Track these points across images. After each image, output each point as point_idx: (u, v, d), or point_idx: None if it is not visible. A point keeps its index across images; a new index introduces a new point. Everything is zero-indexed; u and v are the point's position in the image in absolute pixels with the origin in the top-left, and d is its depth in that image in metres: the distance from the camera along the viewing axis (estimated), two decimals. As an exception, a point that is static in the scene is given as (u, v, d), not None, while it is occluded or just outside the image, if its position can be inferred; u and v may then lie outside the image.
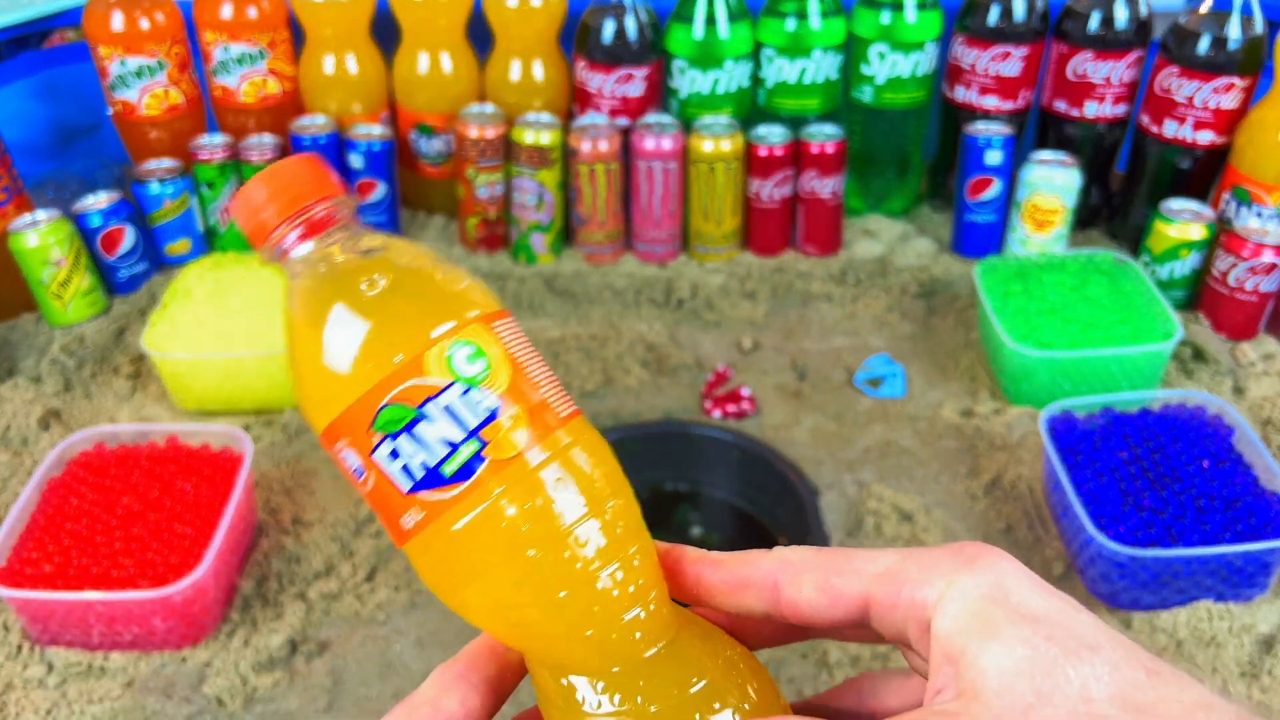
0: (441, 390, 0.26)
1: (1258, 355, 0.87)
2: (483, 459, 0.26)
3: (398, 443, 0.26)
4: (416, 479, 0.26)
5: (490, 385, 0.26)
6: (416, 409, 0.26)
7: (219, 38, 0.99)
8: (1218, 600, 0.64)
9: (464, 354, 0.26)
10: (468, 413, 0.26)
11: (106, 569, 0.63)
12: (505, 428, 0.26)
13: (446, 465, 0.26)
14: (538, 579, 0.26)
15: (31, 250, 0.88)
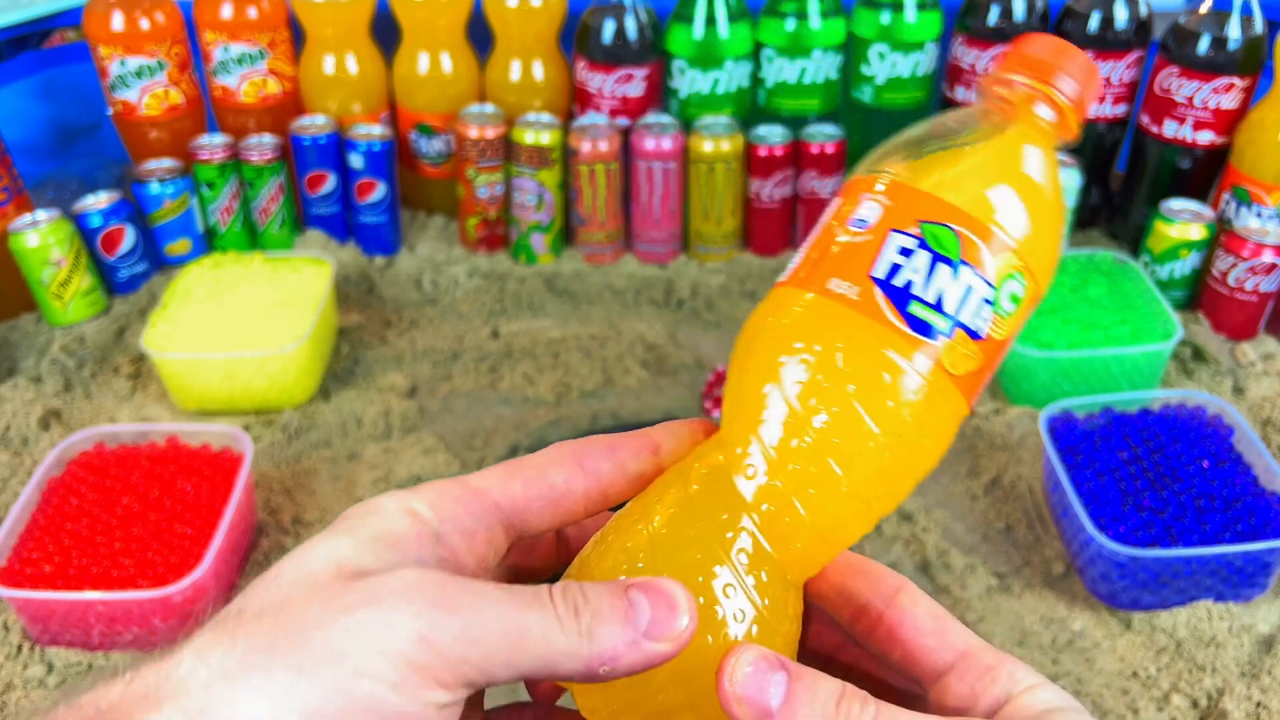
0: (984, 278, 0.26)
1: (1258, 355, 0.87)
2: (934, 336, 0.26)
3: (919, 252, 0.26)
4: (890, 280, 0.26)
5: (996, 323, 0.26)
6: (960, 258, 0.26)
7: (219, 38, 0.99)
8: (1218, 600, 0.64)
9: (1015, 289, 0.27)
10: (972, 310, 0.26)
11: (106, 569, 0.63)
12: (965, 351, 0.26)
13: (916, 305, 0.26)
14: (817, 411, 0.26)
15: (32, 250, 0.88)
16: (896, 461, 0.26)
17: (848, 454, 0.26)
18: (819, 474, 0.26)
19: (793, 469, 0.26)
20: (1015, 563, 0.70)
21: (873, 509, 0.27)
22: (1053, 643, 0.63)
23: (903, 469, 0.27)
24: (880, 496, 0.27)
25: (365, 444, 0.81)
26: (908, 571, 0.69)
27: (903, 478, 0.27)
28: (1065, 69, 0.28)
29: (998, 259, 0.26)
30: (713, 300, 0.98)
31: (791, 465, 0.26)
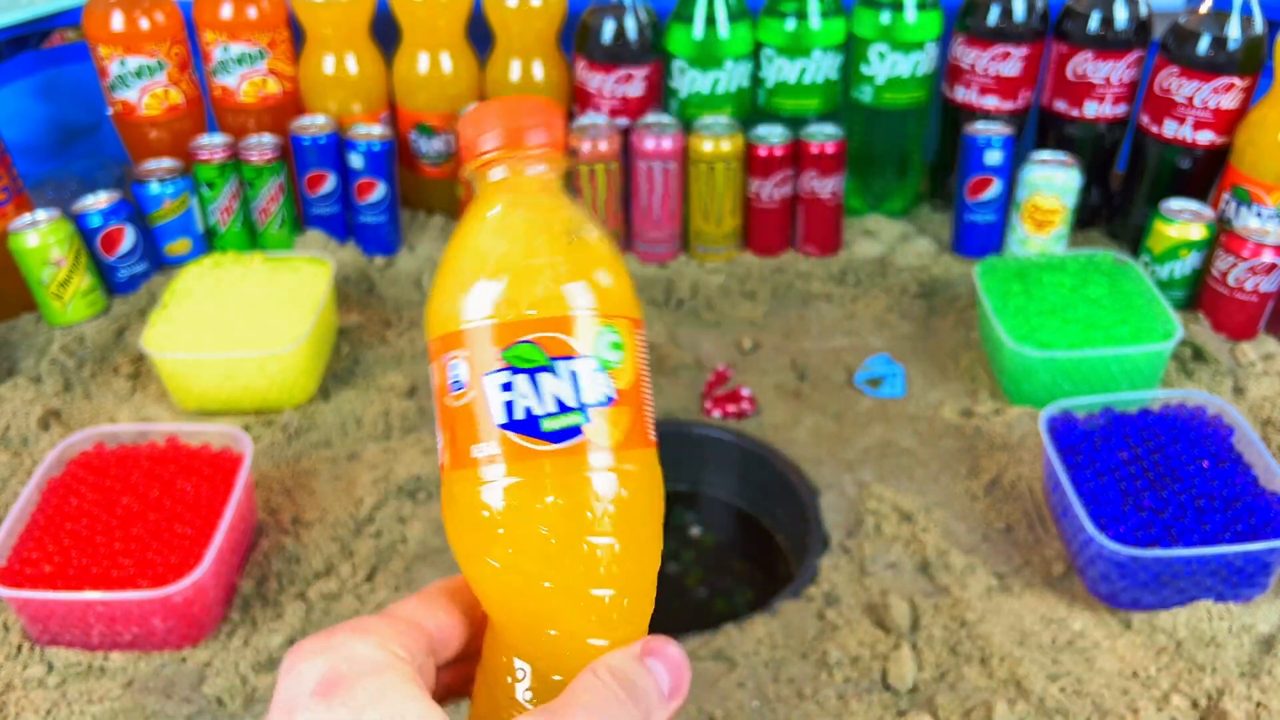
0: (579, 356, 0.27)
1: (1258, 355, 0.87)
2: (579, 432, 0.27)
3: (516, 379, 0.27)
4: (513, 418, 0.27)
5: (616, 376, 0.28)
6: (549, 359, 0.27)
7: (219, 38, 0.99)
8: (1218, 600, 0.64)
9: (610, 340, 0.28)
10: (590, 387, 0.27)
11: (106, 569, 0.63)
12: (609, 421, 0.28)
13: (548, 421, 0.27)
14: (539, 558, 0.27)
15: (31, 250, 0.88)
16: (633, 543, 0.28)
17: (597, 576, 0.27)
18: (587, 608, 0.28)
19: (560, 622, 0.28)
20: (1015, 563, 0.70)
21: (648, 582, 0.29)
22: (1053, 643, 0.63)
23: (640, 542, 0.29)
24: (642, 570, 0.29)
25: (365, 444, 0.81)
26: (908, 571, 0.69)
27: (647, 545, 0.29)
28: (525, 124, 0.29)
29: (580, 334, 0.27)
30: (713, 300, 0.98)
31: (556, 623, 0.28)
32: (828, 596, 0.68)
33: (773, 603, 0.67)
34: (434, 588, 0.30)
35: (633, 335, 0.29)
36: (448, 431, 0.28)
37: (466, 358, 0.28)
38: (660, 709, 0.26)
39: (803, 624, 0.66)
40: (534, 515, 0.27)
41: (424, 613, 0.29)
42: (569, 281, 0.28)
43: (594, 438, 0.27)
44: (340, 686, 0.25)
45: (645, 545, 0.29)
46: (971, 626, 0.64)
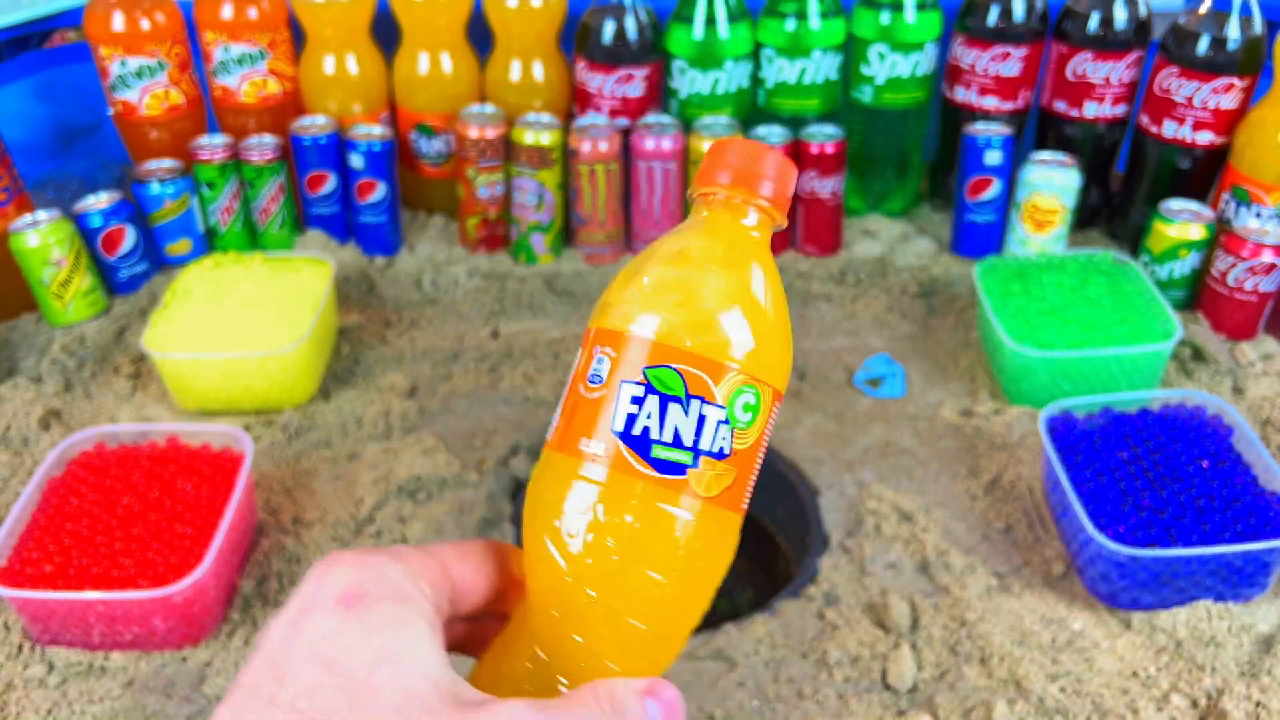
0: (713, 403, 0.28)
1: (1257, 355, 0.87)
2: (682, 471, 0.28)
3: (649, 398, 0.28)
4: (629, 431, 0.28)
5: (737, 437, 0.29)
6: (686, 394, 0.28)
7: (219, 38, 0.99)
8: (1217, 600, 0.64)
9: (748, 401, 0.29)
10: (710, 435, 0.28)
11: (107, 569, 0.63)
12: (714, 473, 0.28)
13: (659, 449, 0.28)
14: (595, 568, 0.28)
15: (32, 250, 0.88)
16: (684, 592, 0.29)
17: (640, 607, 0.28)
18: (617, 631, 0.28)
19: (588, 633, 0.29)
20: (1015, 562, 0.70)
21: (681, 633, 0.30)
22: (1052, 642, 0.63)
23: (691, 594, 0.29)
24: (681, 620, 0.30)
25: (365, 444, 0.81)
26: (908, 571, 0.69)
27: (695, 599, 0.30)
28: (765, 174, 0.30)
29: (723, 383, 0.28)
30: (713, 300, 0.98)
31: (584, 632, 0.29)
32: (828, 596, 0.68)
33: (773, 602, 0.67)
34: (474, 543, 0.30)
35: (768, 406, 0.29)
36: (566, 416, 0.29)
37: (614, 358, 0.29)
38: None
39: (803, 624, 0.66)
40: (607, 527, 0.28)
41: (457, 562, 0.29)
42: (736, 333, 0.29)
43: (693, 482, 0.28)
44: (362, 601, 0.25)
45: (696, 598, 0.29)
46: (971, 626, 0.64)
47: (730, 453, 0.28)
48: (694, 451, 0.28)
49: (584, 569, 0.28)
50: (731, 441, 0.28)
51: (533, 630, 0.29)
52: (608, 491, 0.28)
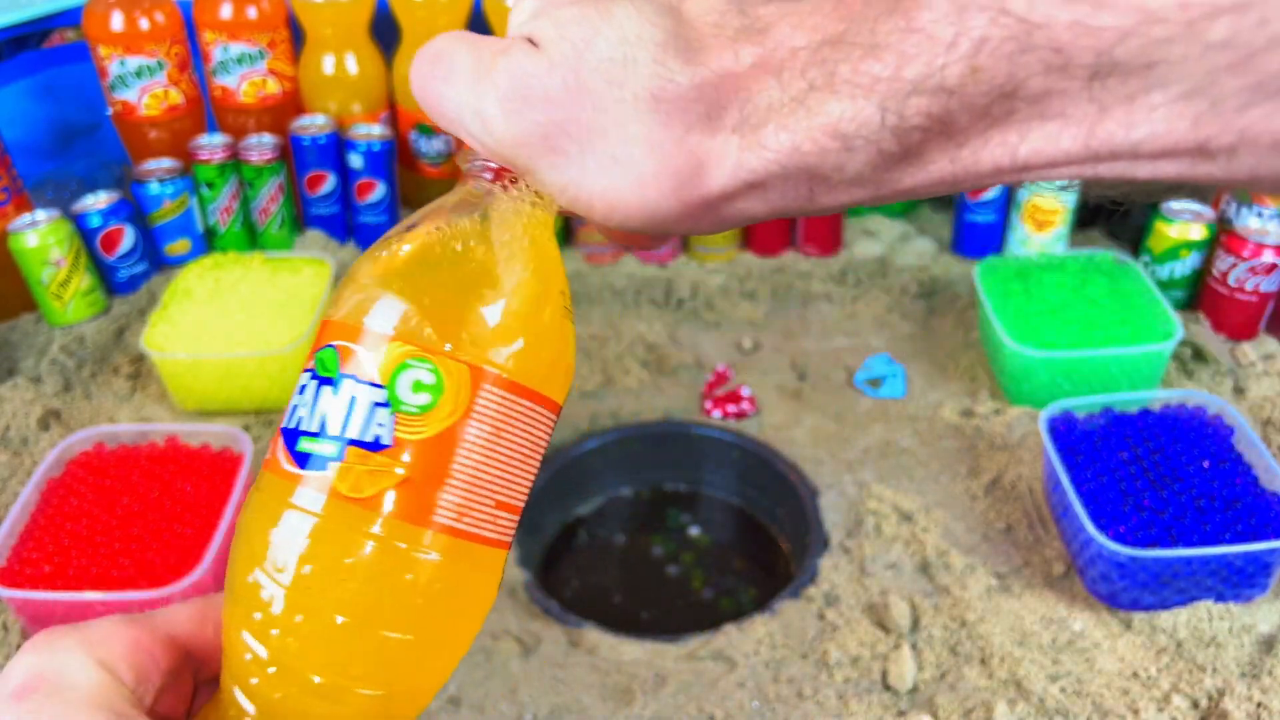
0: (366, 383, 0.22)
1: (1258, 355, 0.87)
2: (324, 466, 0.22)
3: (309, 384, 0.23)
4: (286, 425, 0.24)
5: (403, 423, 0.22)
6: (339, 373, 0.23)
7: (219, 38, 0.99)
8: (1218, 600, 0.64)
9: (417, 378, 0.22)
10: (360, 421, 0.22)
11: (106, 569, 0.63)
12: (366, 468, 0.22)
13: (305, 440, 0.23)
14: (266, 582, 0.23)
15: (31, 250, 0.88)
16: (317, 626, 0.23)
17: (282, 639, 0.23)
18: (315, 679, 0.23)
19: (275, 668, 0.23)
20: (1015, 563, 0.70)
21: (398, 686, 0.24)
22: (1053, 643, 0.63)
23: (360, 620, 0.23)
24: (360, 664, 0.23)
25: (365, 444, 0.81)
26: (908, 572, 0.69)
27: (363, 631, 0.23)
28: None
29: (375, 354, 0.23)
30: (713, 300, 0.98)
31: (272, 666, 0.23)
32: (828, 597, 0.68)
33: (773, 603, 0.67)
34: (218, 596, 0.27)
35: (463, 390, 0.23)
36: None
37: (313, 349, 0.25)
38: None
39: (803, 624, 0.66)
40: (261, 539, 0.23)
41: (193, 624, 0.26)
42: (399, 295, 0.23)
43: (335, 477, 0.22)
44: (34, 694, 0.24)
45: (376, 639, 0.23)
46: (971, 627, 0.64)
47: (392, 443, 0.22)
48: (340, 440, 0.22)
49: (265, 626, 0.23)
50: (393, 429, 0.22)
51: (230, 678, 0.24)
52: (258, 497, 0.24)
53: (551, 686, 0.62)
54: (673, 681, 0.62)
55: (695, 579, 0.80)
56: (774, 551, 0.81)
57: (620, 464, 0.85)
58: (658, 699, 0.61)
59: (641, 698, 0.61)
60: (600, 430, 0.84)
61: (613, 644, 0.65)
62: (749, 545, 0.83)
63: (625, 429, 0.84)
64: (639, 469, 0.86)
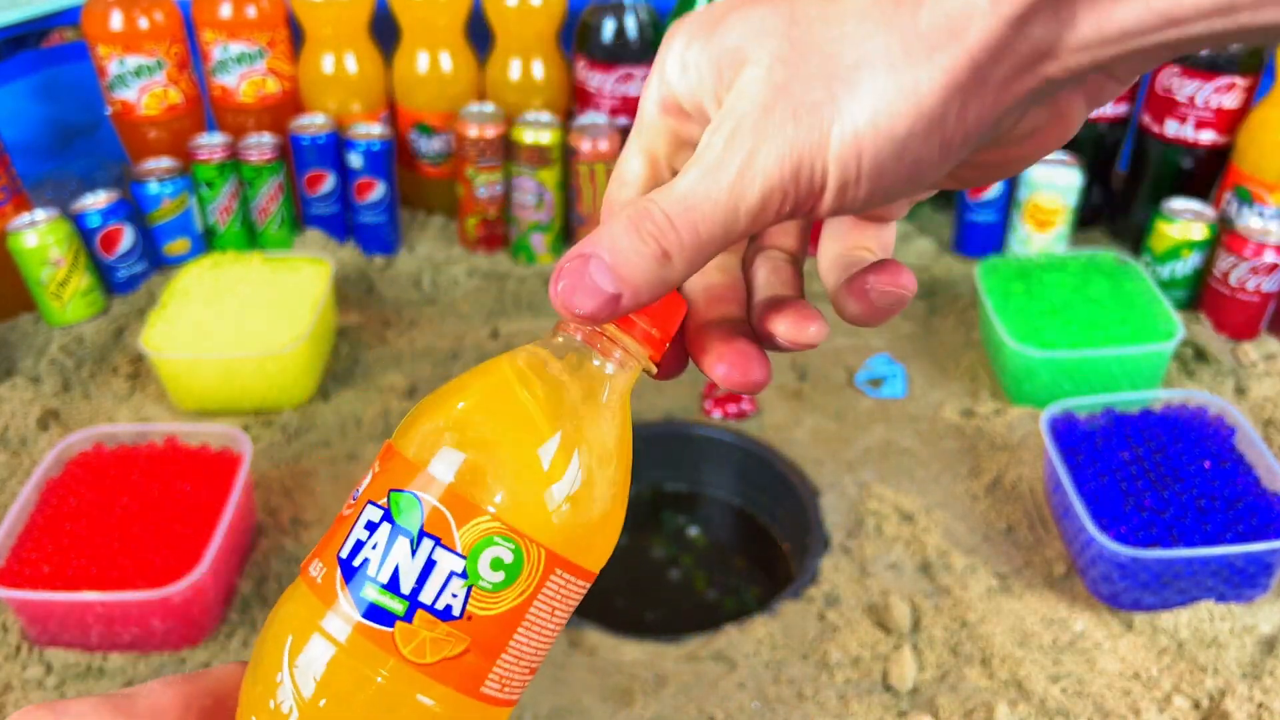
0: (449, 549, 0.23)
1: (1259, 355, 0.87)
2: (390, 624, 0.22)
3: (383, 525, 0.23)
4: (350, 560, 0.23)
5: (477, 598, 0.22)
6: (420, 530, 0.23)
7: (218, 37, 0.99)
8: (1219, 601, 0.64)
9: (499, 555, 0.23)
10: (435, 587, 0.22)
11: (105, 569, 0.63)
12: (432, 635, 0.22)
13: (369, 587, 0.23)
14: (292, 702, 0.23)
15: (30, 250, 0.88)
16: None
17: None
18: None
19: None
20: (1016, 563, 0.70)
21: None
22: (1054, 643, 0.63)
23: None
24: None
25: (364, 444, 0.81)
26: (909, 571, 0.69)
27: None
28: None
29: (459, 521, 0.22)
30: (713, 300, 0.97)
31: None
32: (828, 597, 0.68)
33: (773, 603, 0.67)
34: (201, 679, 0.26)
35: (536, 574, 0.23)
36: (330, 529, 0.25)
37: (376, 473, 0.24)
38: None
39: (803, 625, 0.66)
40: (300, 664, 0.23)
41: (175, 709, 0.25)
42: (505, 472, 0.23)
43: (399, 638, 0.22)
44: None
45: None
46: (972, 627, 0.64)
47: (462, 615, 0.22)
48: (410, 601, 0.22)
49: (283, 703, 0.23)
50: (466, 602, 0.22)
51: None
52: (304, 610, 0.23)
53: (551, 687, 0.62)
54: (673, 682, 0.62)
55: (695, 579, 0.80)
56: (774, 552, 0.81)
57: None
58: (658, 700, 0.61)
59: (642, 698, 0.61)
60: (600, 430, 0.84)
61: (613, 645, 0.65)
62: (749, 545, 0.83)
63: (625, 429, 0.84)
64: (639, 469, 0.86)
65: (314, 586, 0.23)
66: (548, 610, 0.24)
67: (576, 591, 0.24)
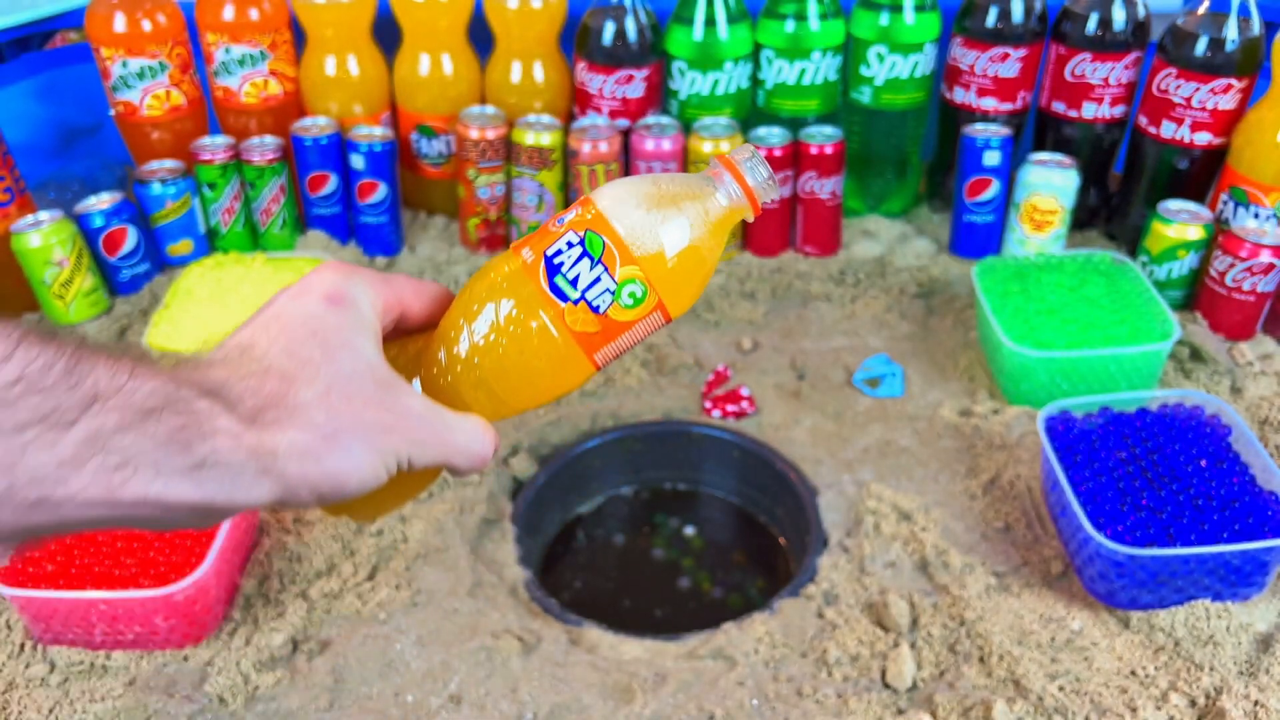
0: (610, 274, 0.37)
1: (1255, 355, 0.88)
2: (564, 299, 0.37)
3: (575, 247, 0.37)
4: (552, 259, 0.37)
5: (614, 307, 0.37)
6: (598, 258, 0.37)
7: (220, 39, 0.99)
8: (1215, 599, 0.65)
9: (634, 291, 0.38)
10: (597, 291, 0.37)
11: (109, 568, 0.64)
12: (584, 317, 0.37)
13: (560, 278, 0.37)
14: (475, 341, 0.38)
15: (34, 251, 0.88)
16: (523, 382, 0.39)
17: (494, 375, 0.38)
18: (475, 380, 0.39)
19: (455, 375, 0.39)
20: (1014, 562, 0.70)
21: (515, 408, 0.40)
22: (1051, 641, 0.64)
23: (528, 386, 0.39)
24: (516, 400, 0.39)
25: (366, 444, 0.81)
26: (907, 570, 0.69)
27: (531, 392, 0.39)
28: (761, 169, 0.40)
29: (623, 261, 0.37)
30: (712, 300, 0.98)
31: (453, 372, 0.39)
32: (827, 595, 0.68)
33: (772, 601, 0.68)
34: (429, 285, 0.40)
35: (650, 307, 0.38)
36: (541, 229, 0.39)
37: (579, 214, 0.38)
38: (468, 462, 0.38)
39: (802, 623, 0.66)
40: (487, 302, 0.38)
41: (412, 296, 0.39)
42: (655, 244, 0.37)
43: (567, 312, 0.37)
44: (341, 302, 0.35)
45: (531, 391, 0.39)
46: (970, 625, 0.64)
47: (603, 312, 0.37)
48: (580, 294, 0.37)
49: (470, 336, 0.38)
50: (608, 306, 0.37)
51: (433, 350, 0.39)
52: (512, 279, 0.38)
53: (552, 685, 0.62)
54: (673, 680, 0.62)
55: (695, 578, 0.80)
56: (773, 550, 0.82)
57: (620, 463, 0.86)
58: (658, 697, 0.61)
59: (641, 696, 0.61)
60: (601, 430, 0.84)
61: (613, 643, 0.66)
62: (749, 544, 0.84)
63: (625, 429, 0.84)
64: (639, 468, 0.86)
65: (525, 265, 0.38)
66: (643, 330, 0.38)
67: (660, 325, 0.39)
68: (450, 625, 0.66)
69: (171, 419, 0.29)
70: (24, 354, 0.28)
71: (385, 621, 0.66)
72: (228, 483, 0.31)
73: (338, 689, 0.62)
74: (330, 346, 0.34)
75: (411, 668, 0.64)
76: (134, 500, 0.29)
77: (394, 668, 0.64)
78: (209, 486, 0.30)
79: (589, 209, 0.38)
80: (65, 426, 0.28)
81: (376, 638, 0.65)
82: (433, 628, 0.66)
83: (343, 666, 0.64)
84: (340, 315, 0.35)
